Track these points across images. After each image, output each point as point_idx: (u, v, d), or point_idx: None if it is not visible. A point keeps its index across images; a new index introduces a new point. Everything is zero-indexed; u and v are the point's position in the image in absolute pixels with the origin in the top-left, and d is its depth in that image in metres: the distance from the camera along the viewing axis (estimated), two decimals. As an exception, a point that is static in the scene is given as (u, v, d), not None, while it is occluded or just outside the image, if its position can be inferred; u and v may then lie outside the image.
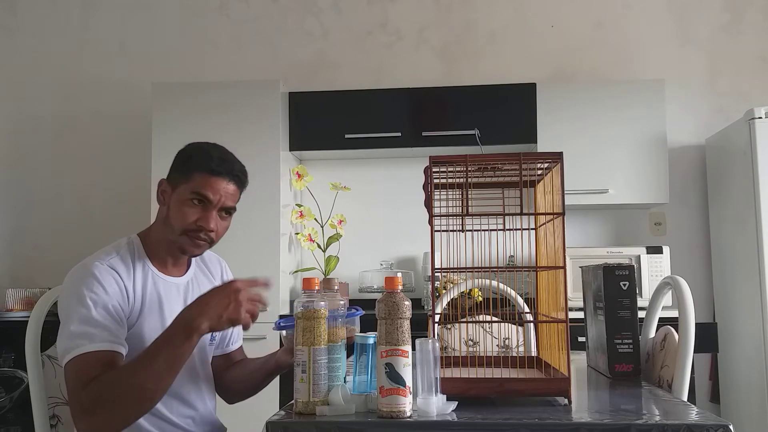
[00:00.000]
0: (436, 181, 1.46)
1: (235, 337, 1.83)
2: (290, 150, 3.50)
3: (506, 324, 2.39)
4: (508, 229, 1.40)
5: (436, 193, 1.43)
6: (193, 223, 1.55)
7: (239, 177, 1.61)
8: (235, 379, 1.77)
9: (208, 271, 1.76)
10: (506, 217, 1.38)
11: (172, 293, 1.62)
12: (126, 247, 1.59)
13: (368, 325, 1.50)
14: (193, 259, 1.72)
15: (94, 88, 3.97)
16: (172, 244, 1.59)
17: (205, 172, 1.56)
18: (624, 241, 3.66)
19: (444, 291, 2.77)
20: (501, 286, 2.37)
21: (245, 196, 1.66)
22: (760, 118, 3.07)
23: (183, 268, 1.68)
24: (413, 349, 1.24)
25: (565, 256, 1.37)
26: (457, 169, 1.42)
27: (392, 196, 3.75)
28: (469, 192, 1.39)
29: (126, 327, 1.50)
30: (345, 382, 1.33)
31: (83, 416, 1.36)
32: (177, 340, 1.35)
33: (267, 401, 1.87)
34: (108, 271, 1.50)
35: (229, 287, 1.39)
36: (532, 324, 2.24)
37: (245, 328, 1.41)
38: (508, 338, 2.38)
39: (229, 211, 1.61)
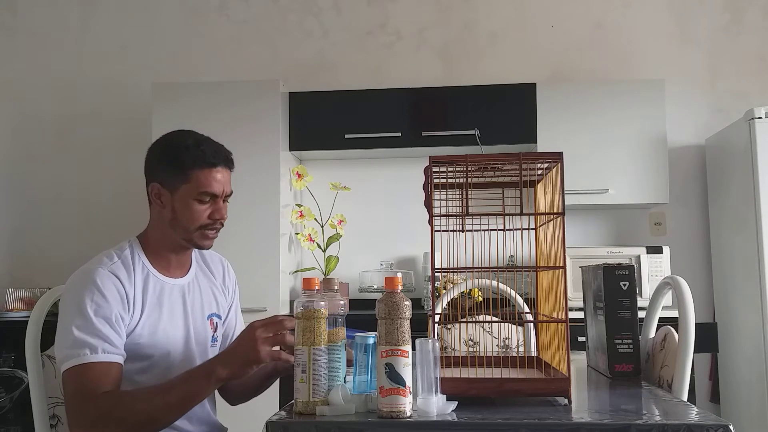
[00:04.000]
0: (436, 181, 1.46)
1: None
2: (290, 150, 3.50)
3: (506, 324, 2.39)
4: (508, 229, 1.40)
5: (436, 193, 1.43)
6: (207, 219, 1.59)
7: (231, 161, 1.64)
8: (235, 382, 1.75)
9: (209, 272, 1.75)
10: (506, 217, 1.38)
11: (173, 295, 1.62)
12: (127, 250, 1.60)
13: (368, 325, 1.50)
14: (194, 260, 1.72)
15: (94, 88, 3.97)
16: (182, 243, 1.61)
17: (205, 168, 1.57)
18: (624, 241, 3.66)
19: (444, 291, 2.77)
20: (501, 286, 2.37)
21: (246, 195, 1.67)
22: (760, 118, 3.07)
23: (184, 270, 1.68)
24: (413, 349, 1.24)
25: (565, 256, 1.37)
26: (457, 169, 1.42)
27: (392, 196, 3.75)
28: (469, 192, 1.39)
29: (125, 335, 1.51)
30: (345, 382, 1.33)
31: (86, 427, 1.40)
32: (196, 380, 1.42)
33: (267, 401, 1.87)
34: (109, 278, 1.51)
35: (246, 331, 1.42)
36: (532, 324, 2.24)
37: (274, 359, 1.43)
38: (508, 338, 2.38)
39: (229, 196, 1.64)
